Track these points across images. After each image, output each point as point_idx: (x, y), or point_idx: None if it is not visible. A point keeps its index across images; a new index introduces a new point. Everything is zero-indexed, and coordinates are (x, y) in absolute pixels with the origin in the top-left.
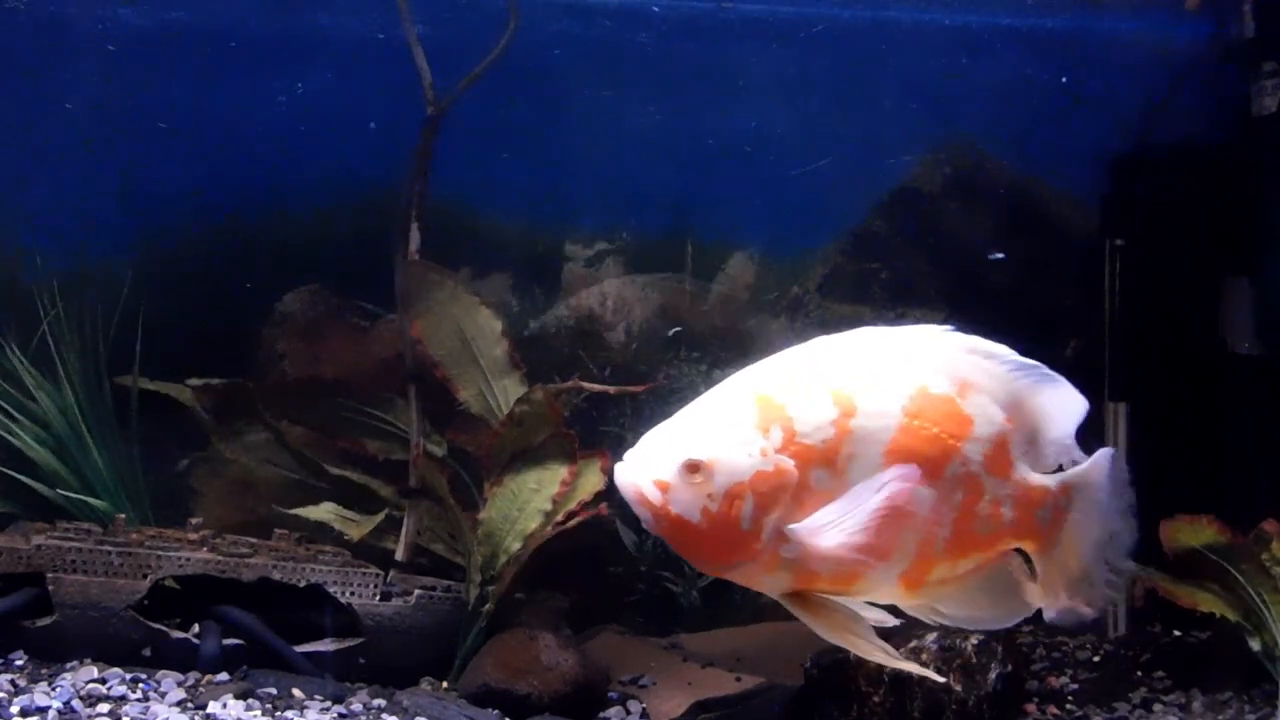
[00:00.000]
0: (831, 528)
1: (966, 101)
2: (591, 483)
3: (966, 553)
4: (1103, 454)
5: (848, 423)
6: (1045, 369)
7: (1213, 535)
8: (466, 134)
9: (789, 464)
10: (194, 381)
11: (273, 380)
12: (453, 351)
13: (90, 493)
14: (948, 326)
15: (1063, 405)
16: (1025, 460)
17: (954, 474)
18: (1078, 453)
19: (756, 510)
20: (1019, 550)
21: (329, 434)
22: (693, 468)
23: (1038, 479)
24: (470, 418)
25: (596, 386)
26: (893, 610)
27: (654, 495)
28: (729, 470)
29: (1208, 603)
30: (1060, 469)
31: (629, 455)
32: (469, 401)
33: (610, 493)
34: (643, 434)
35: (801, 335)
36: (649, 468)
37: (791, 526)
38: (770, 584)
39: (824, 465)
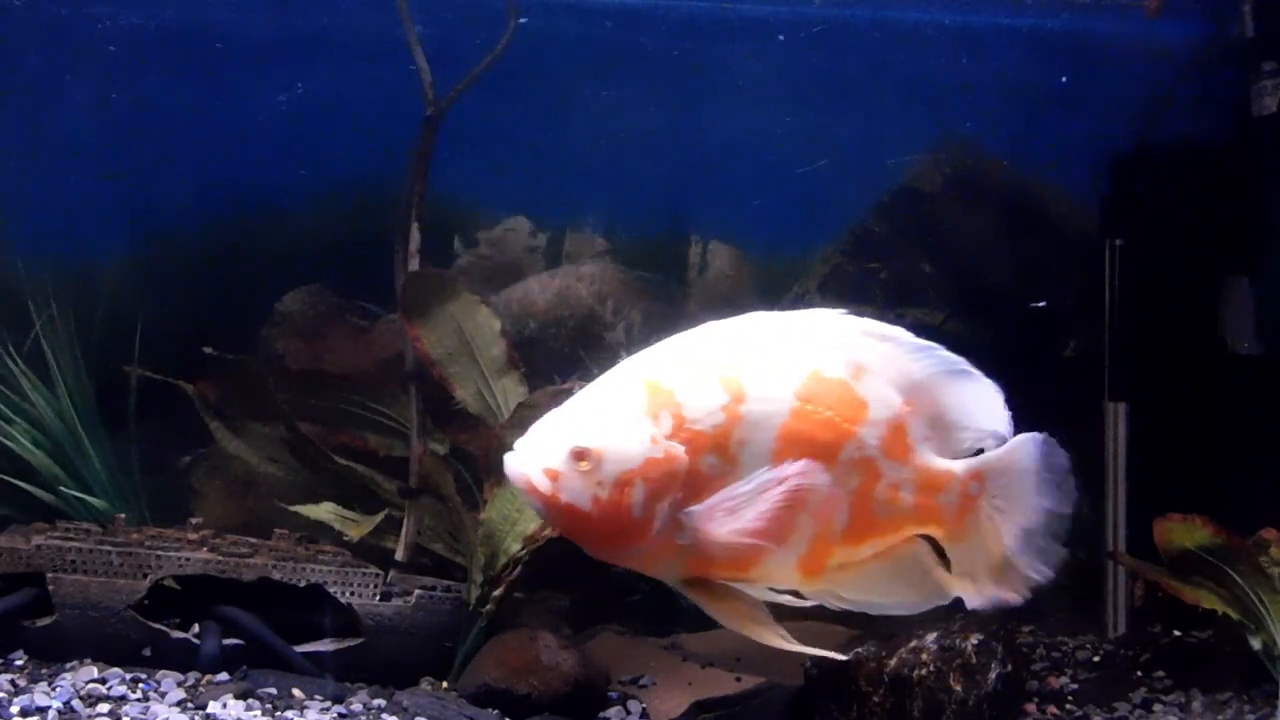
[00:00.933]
0: (725, 514)
1: (966, 101)
2: None
3: (865, 538)
4: (1024, 439)
5: (738, 408)
6: (945, 351)
7: (1207, 536)
8: (466, 134)
9: (679, 450)
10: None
11: (275, 372)
12: (451, 350)
13: (88, 494)
14: (841, 310)
15: (968, 389)
16: (928, 444)
17: (849, 458)
18: (1003, 435)
19: (648, 497)
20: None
21: (331, 427)
22: (581, 455)
23: (941, 464)
24: (470, 417)
25: None
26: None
27: (544, 484)
28: (618, 458)
29: (1211, 600)
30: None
31: (518, 444)
32: (466, 400)
33: None
34: None
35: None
36: (538, 456)
37: (686, 511)
38: (666, 570)
39: (715, 451)
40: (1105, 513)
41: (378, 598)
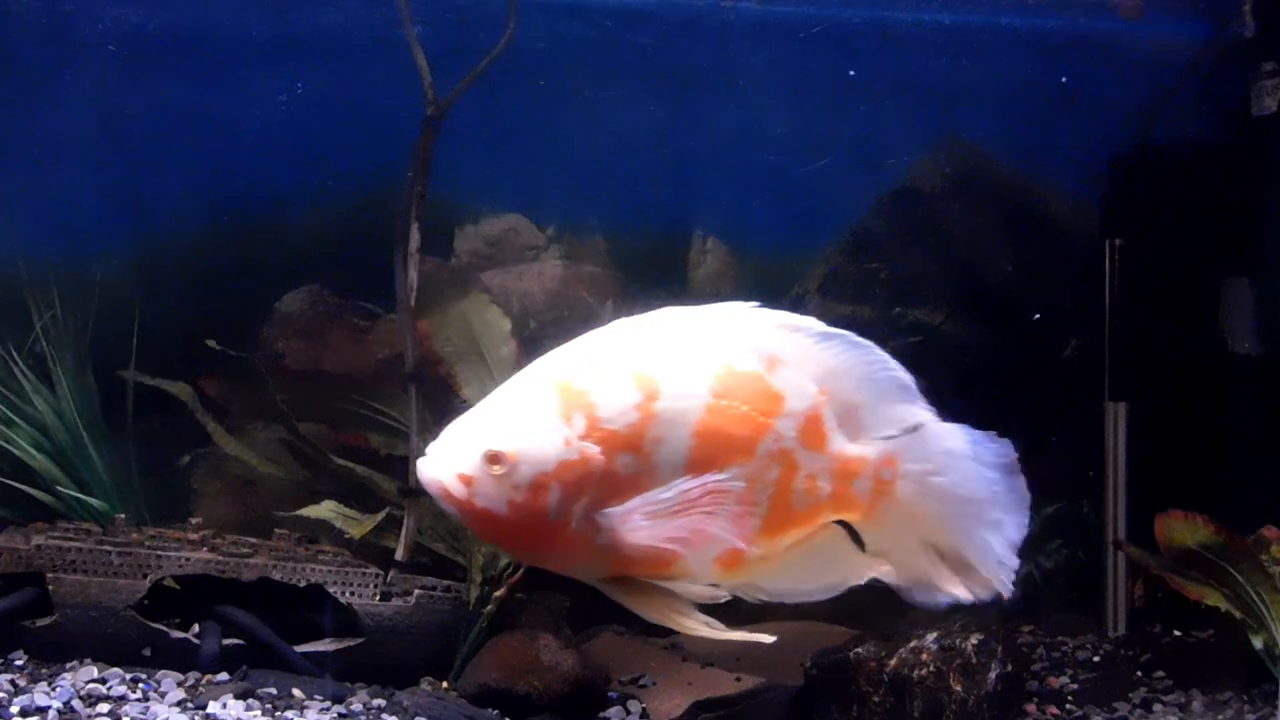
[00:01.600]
0: (643, 519)
1: (966, 101)
2: None
3: (785, 529)
4: (944, 426)
5: (652, 406)
6: (854, 337)
7: (1209, 535)
8: (465, 133)
9: (594, 451)
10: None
11: (275, 372)
12: (459, 349)
13: (89, 495)
14: (753, 304)
15: (876, 371)
16: (843, 430)
17: (767, 451)
18: (918, 420)
19: (563, 499)
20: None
21: (332, 427)
22: (495, 459)
23: (855, 449)
24: None
25: None
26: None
27: (458, 489)
28: (533, 460)
29: (1215, 597)
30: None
31: (430, 449)
32: (472, 400)
33: None
34: None
35: None
36: (451, 461)
37: (603, 514)
38: (585, 571)
39: (630, 450)
40: (1105, 512)
41: (378, 598)
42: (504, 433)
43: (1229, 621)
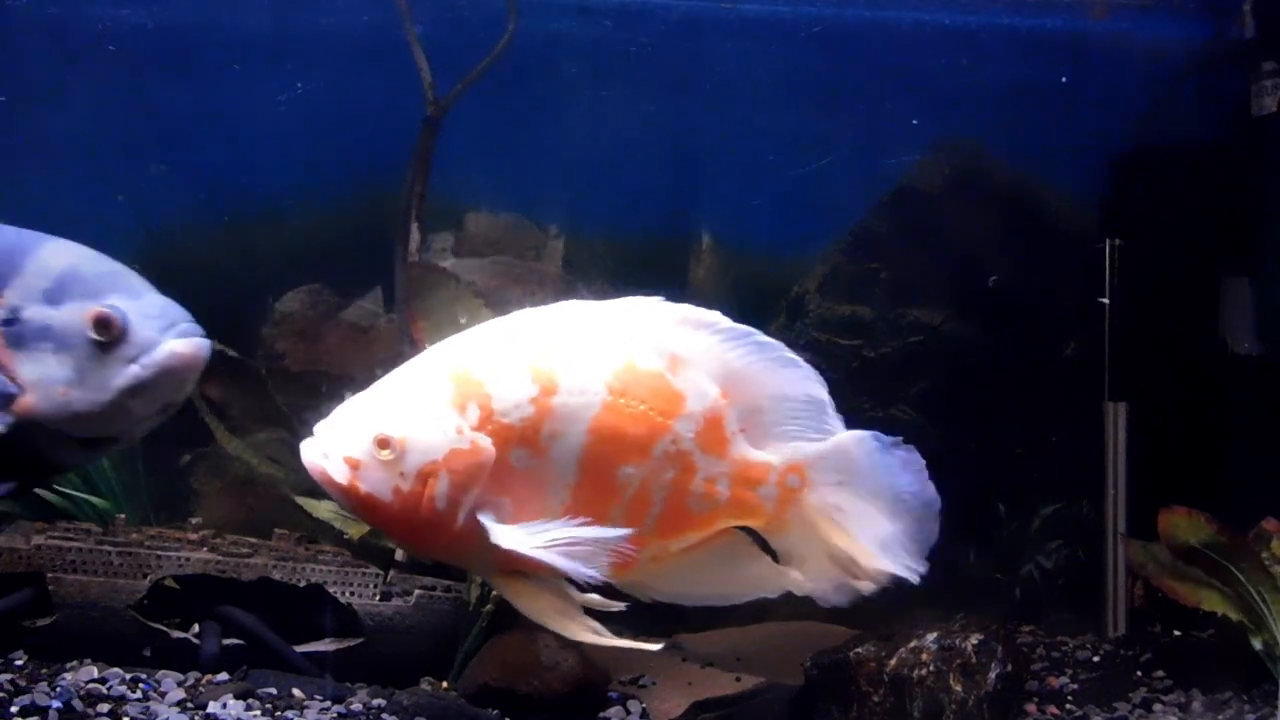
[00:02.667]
0: (523, 542)
1: (966, 101)
2: None
3: (680, 532)
4: (853, 435)
5: (549, 400)
6: (763, 338)
7: (1211, 534)
8: (464, 132)
9: (486, 442)
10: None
11: (275, 372)
12: None
13: (93, 492)
14: (658, 297)
15: (788, 378)
16: (746, 436)
17: (663, 452)
18: (828, 429)
19: (452, 490)
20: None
21: None
22: (384, 443)
23: (759, 456)
24: None
25: None
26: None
27: (341, 473)
28: (422, 448)
29: (1210, 600)
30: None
31: (317, 428)
32: None
33: None
34: None
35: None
36: (338, 444)
37: (487, 525)
38: (475, 564)
39: (524, 445)
40: (1105, 512)
41: (378, 597)
42: (395, 418)
43: (1228, 622)
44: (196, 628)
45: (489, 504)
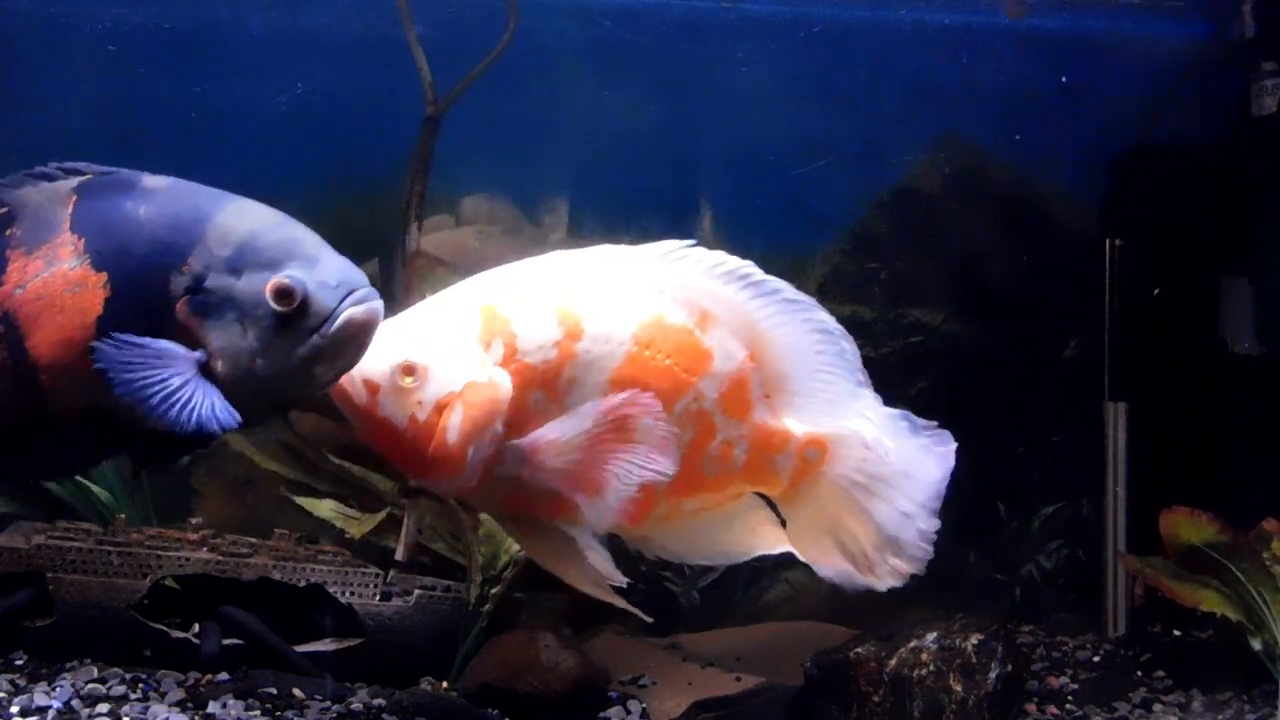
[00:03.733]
0: (549, 449)
1: (966, 101)
2: None
3: (693, 492)
4: (878, 417)
5: (572, 345)
6: (792, 294)
7: (1213, 533)
8: (464, 132)
9: (506, 380)
10: None
11: None
12: None
13: (92, 490)
14: (691, 242)
15: (813, 343)
16: (771, 402)
17: (684, 410)
18: (857, 401)
19: (465, 423)
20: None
21: (335, 419)
22: (408, 370)
23: (779, 424)
24: None
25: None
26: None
27: (360, 396)
28: (442, 378)
29: (1210, 601)
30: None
31: None
32: None
33: None
34: None
35: None
36: (360, 367)
37: (508, 445)
38: (484, 502)
39: (543, 387)
40: (1105, 512)
41: (378, 598)
42: (418, 345)
43: (1228, 622)
44: (196, 628)
45: (504, 443)
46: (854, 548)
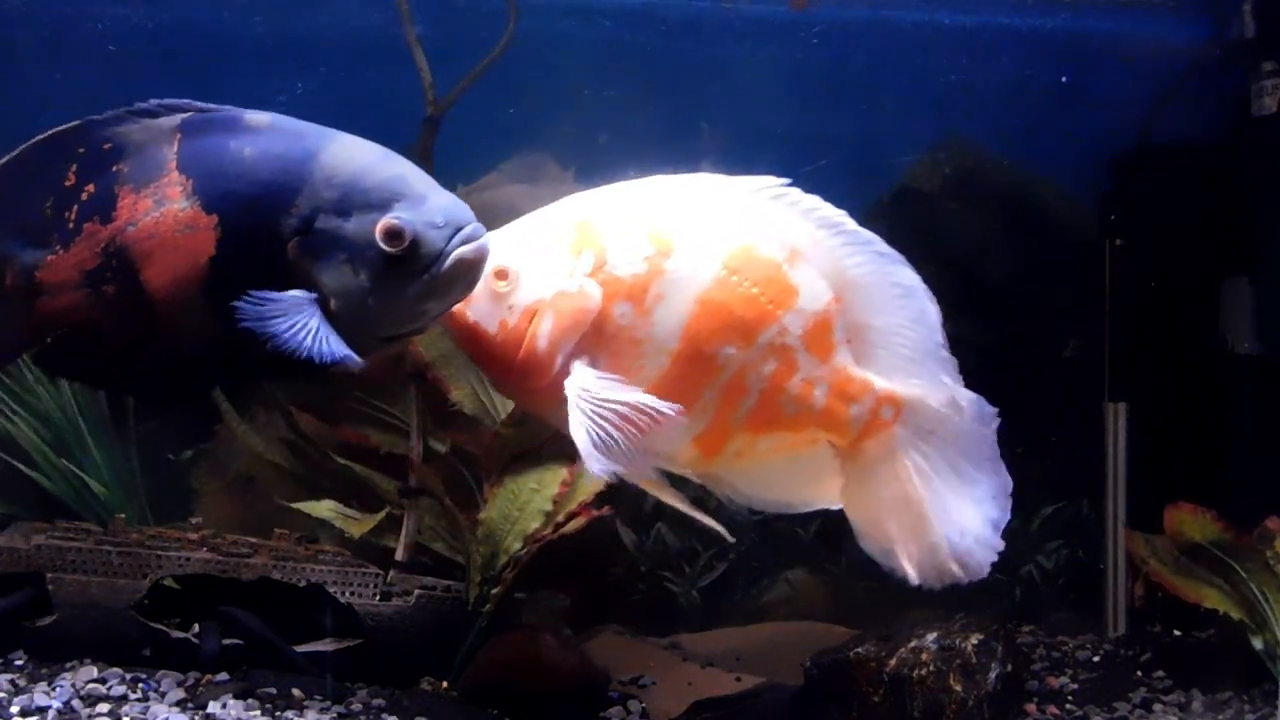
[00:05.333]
0: (622, 388)
1: (966, 101)
2: (592, 483)
3: (769, 428)
4: (964, 393)
5: (661, 262)
6: (882, 247)
7: (1217, 531)
8: (462, 132)
9: (595, 290)
10: None
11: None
12: (445, 352)
13: (90, 490)
14: (787, 180)
15: (899, 301)
16: (851, 349)
17: (768, 342)
18: (934, 367)
19: (554, 331)
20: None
21: (333, 423)
22: (500, 274)
23: (860, 373)
24: (468, 416)
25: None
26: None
27: None
28: (533, 284)
29: (1212, 599)
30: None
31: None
32: (462, 401)
33: (611, 491)
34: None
35: None
36: None
37: (575, 368)
38: (557, 417)
39: (630, 301)
40: (1105, 512)
41: (378, 598)
42: (511, 251)
43: (1229, 621)
44: (196, 628)
45: (586, 355)
46: (905, 526)
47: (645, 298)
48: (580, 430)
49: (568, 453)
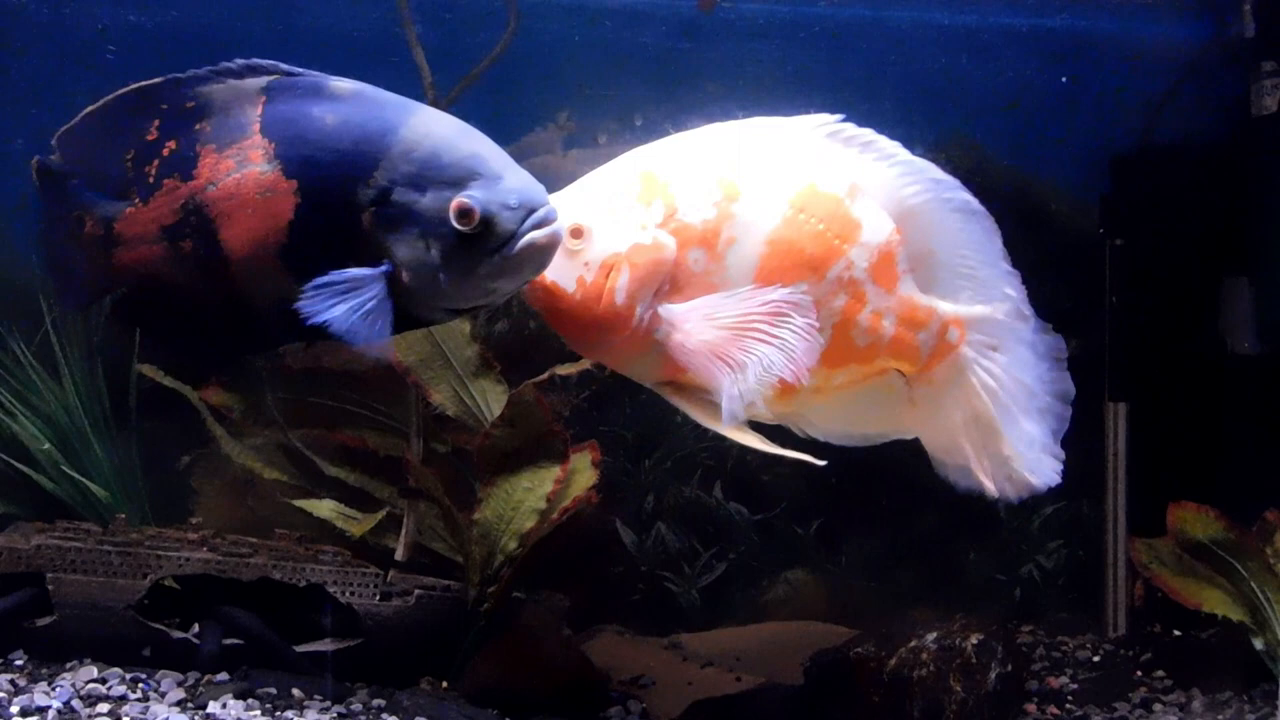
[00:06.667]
0: (700, 324)
1: (966, 101)
2: (585, 478)
3: (844, 362)
4: (1017, 309)
5: (730, 207)
6: (938, 174)
7: (1220, 530)
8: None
9: (668, 239)
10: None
11: (276, 371)
12: (424, 356)
13: (92, 490)
14: (840, 116)
15: (957, 225)
16: (914, 277)
17: (836, 277)
18: (995, 287)
19: (632, 283)
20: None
21: (330, 426)
22: (575, 233)
23: (924, 300)
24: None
25: (573, 368)
26: None
27: None
28: (607, 239)
29: (1212, 602)
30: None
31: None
32: (444, 404)
33: (603, 487)
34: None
35: None
36: None
37: (665, 307)
38: (640, 369)
39: (703, 246)
40: (1105, 512)
41: (378, 597)
42: (582, 208)
43: (1229, 621)
44: (196, 628)
45: (663, 304)
46: (978, 443)
47: (717, 242)
48: (710, 369)
49: (559, 451)
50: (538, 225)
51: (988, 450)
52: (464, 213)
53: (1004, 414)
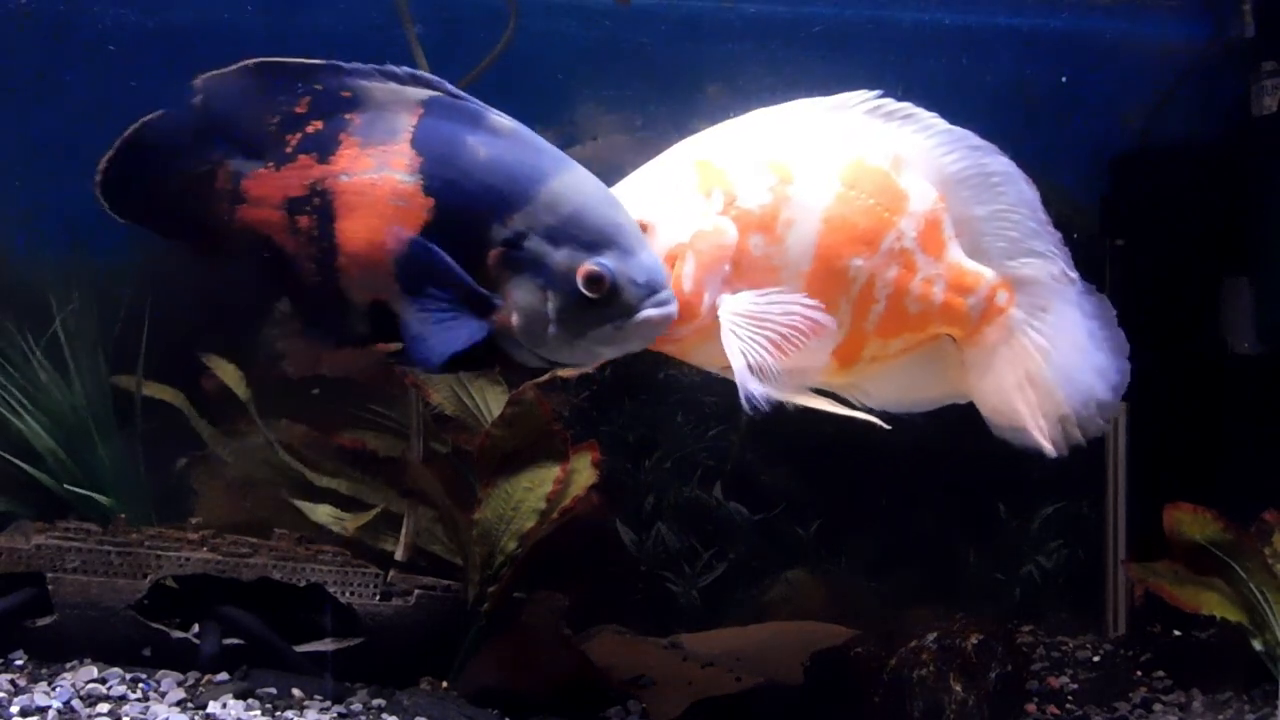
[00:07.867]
0: (776, 296)
1: (966, 101)
2: (584, 478)
3: (899, 331)
4: (1063, 271)
5: (785, 189)
6: (976, 141)
7: (1217, 530)
8: None
9: (729, 225)
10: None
11: (276, 372)
12: None
13: (96, 489)
14: (878, 92)
15: (998, 189)
16: (960, 243)
17: (889, 248)
18: (1039, 250)
19: (698, 270)
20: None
21: (329, 430)
22: (640, 227)
23: (972, 265)
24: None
25: (572, 371)
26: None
27: None
28: (670, 230)
29: (1210, 604)
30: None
31: None
32: (442, 404)
33: (603, 487)
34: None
35: None
36: None
37: (725, 296)
38: (707, 356)
39: (762, 231)
40: (1105, 512)
41: (378, 597)
42: (644, 203)
43: (1229, 622)
44: (196, 628)
45: (728, 290)
46: (1032, 404)
47: (776, 225)
48: (737, 355)
49: (559, 451)
50: (657, 306)
51: (1044, 409)
52: (595, 279)
53: (1057, 374)
